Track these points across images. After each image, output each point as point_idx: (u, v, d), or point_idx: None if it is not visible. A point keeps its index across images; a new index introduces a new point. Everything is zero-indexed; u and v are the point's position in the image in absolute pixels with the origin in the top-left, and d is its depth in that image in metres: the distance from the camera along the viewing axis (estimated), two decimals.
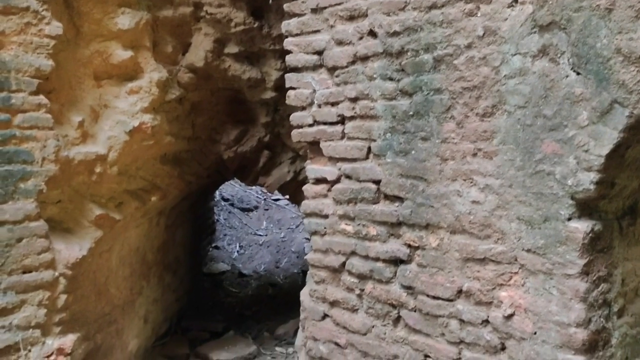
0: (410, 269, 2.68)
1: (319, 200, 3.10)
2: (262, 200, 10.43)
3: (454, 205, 2.48)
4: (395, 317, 2.76)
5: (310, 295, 3.19)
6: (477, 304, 2.42)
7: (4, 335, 3.18)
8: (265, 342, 5.49)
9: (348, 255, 2.95)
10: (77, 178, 3.55)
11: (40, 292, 3.29)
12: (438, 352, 2.57)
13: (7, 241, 3.19)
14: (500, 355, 2.36)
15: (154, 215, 4.74)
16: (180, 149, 4.46)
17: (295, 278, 7.54)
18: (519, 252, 2.27)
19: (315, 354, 3.15)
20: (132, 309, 4.50)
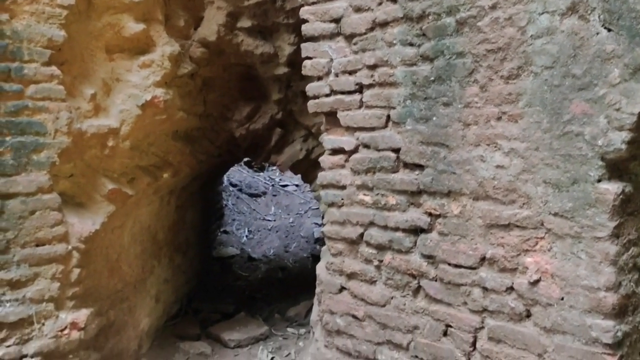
0: (431, 237, 2.63)
1: (336, 171, 3.05)
2: (270, 186, 10.39)
3: (477, 171, 2.43)
4: (415, 287, 2.72)
5: (326, 268, 3.14)
6: (501, 271, 2.37)
7: (18, 308, 3.16)
8: (277, 324, 5.45)
9: (366, 226, 2.90)
10: (90, 152, 3.51)
11: (53, 266, 3.26)
12: (460, 322, 2.53)
13: (20, 213, 3.16)
14: (525, 323, 2.32)
15: (165, 193, 4.70)
16: (192, 126, 4.41)
17: (305, 262, 7.50)
18: (545, 216, 2.22)
19: (332, 328, 3.10)
20: (143, 288, 4.46)
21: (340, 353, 3.08)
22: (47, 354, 3.26)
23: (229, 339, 4.93)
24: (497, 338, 2.40)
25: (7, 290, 3.15)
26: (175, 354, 4.69)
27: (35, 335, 3.23)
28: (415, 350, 2.72)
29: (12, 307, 3.16)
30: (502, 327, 2.38)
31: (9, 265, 3.15)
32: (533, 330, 2.29)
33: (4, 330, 3.14)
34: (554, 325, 2.21)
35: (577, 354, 2.15)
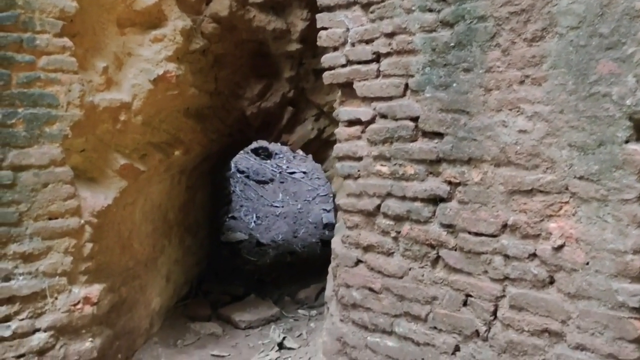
0: (451, 206, 2.58)
1: (352, 142, 3.01)
2: (278, 173, 10.36)
3: (498, 137, 2.39)
4: (434, 257, 2.68)
5: (342, 242, 3.11)
6: (524, 238, 2.33)
7: (31, 282, 3.14)
8: (287, 306, 5.43)
9: (383, 197, 2.86)
10: (102, 126, 3.47)
11: (66, 240, 3.23)
12: (480, 291, 2.49)
13: (33, 186, 3.13)
14: (548, 289, 2.28)
15: (175, 172, 4.67)
16: (203, 104, 4.37)
17: (314, 247, 7.48)
18: (570, 180, 2.18)
19: (347, 301, 3.07)
20: (154, 267, 4.44)
21: (356, 327, 3.05)
22: (60, 328, 3.24)
23: (240, 320, 4.91)
24: (519, 306, 2.36)
25: (20, 264, 3.13)
26: (186, 334, 4.67)
27: (48, 309, 3.22)
28: (433, 321, 2.69)
29: (25, 281, 3.14)
30: (524, 295, 2.34)
31: (21, 238, 3.12)
32: (556, 296, 2.25)
33: (17, 303, 3.13)
34: (579, 291, 2.17)
35: (603, 319, 2.11)
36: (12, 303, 3.12)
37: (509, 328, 2.40)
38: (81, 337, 3.33)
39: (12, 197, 3.08)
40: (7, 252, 3.10)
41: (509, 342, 2.39)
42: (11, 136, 3.07)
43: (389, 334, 2.89)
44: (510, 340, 2.39)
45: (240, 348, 4.47)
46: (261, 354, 4.31)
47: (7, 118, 3.05)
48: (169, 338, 4.48)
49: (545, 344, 2.29)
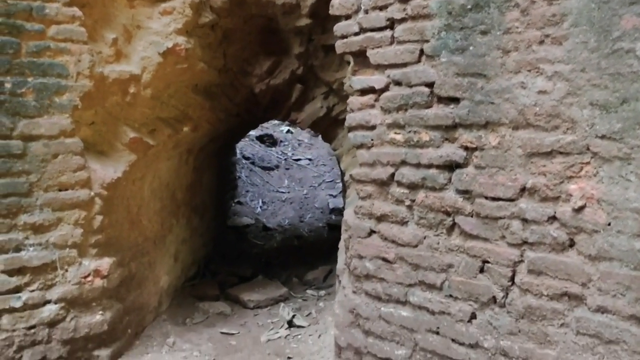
0: (467, 172, 2.55)
1: (365, 111, 2.97)
2: (283, 160, 10.33)
3: (517, 99, 2.35)
4: (450, 224, 2.64)
5: (355, 213, 3.07)
6: (543, 201, 2.30)
7: (41, 253, 3.12)
8: (295, 287, 5.41)
9: (397, 165, 2.82)
10: (111, 98, 3.44)
11: (76, 211, 3.21)
12: (498, 256, 2.46)
13: (43, 156, 3.11)
14: (568, 252, 2.24)
15: (183, 150, 4.64)
16: (212, 81, 4.33)
17: (321, 232, 7.45)
18: (591, 140, 2.14)
19: (360, 272, 3.04)
20: (163, 245, 4.42)
21: (369, 298, 3.02)
22: (70, 300, 3.22)
23: (249, 300, 4.90)
24: (537, 270, 2.33)
25: (31, 234, 3.11)
26: (194, 313, 4.65)
27: (58, 281, 3.20)
28: (449, 289, 2.66)
29: (35, 252, 3.12)
30: (543, 259, 2.30)
31: (32, 209, 3.10)
32: (577, 259, 2.21)
33: (27, 274, 3.11)
34: (600, 252, 2.13)
35: (625, 280, 2.08)
36: (23, 274, 3.10)
37: (527, 293, 2.37)
38: (92, 310, 3.31)
39: (22, 167, 3.06)
40: (17, 223, 3.08)
41: (527, 308, 2.36)
42: (21, 105, 3.04)
43: (403, 303, 2.86)
44: (529, 306, 2.36)
45: (249, 326, 4.45)
46: (271, 331, 4.29)
47: (17, 87, 3.03)
48: (177, 316, 4.46)
49: (565, 307, 2.26)
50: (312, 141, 11.48)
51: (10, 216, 3.05)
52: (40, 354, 3.15)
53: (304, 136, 11.73)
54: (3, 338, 3.05)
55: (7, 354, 3.06)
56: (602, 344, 2.15)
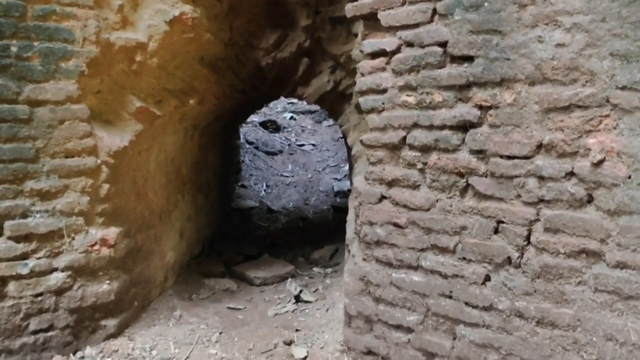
0: (482, 131, 2.51)
1: (376, 75, 2.92)
2: (287, 145, 10.29)
3: (533, 54, 2.30)
4: (463, 186, 2.60)
5: (365, 179, 3.03)
6: (560, 157, 2.26)
7: (48, 220, 3.08)
8: (301, 266, 5.38)
9: (409, 128, 2.78)
10: (117, 66, 3.40)
11: (82, 179, 3.18)
12: (513, 215, 2.42)
13: (49, 122, 3.07)
14: (586, 208, 2.20)
15: (189, 126, 4.60)
16: (218, 55, 4.29)
17: (326, 214, 7.42)
18: (611, 91, 2.10)
19: (371, 239, 3.00)
20: (168, 220, 4.38)
21: (380, 264, 2.99)
22: (77, 268, 3.19)
23: (255, 277, 4.86)
24: (554, 228, 2.29)
25: (37, 201, 3.07)
26: (200, 289, 4.62)
27: (65, 249, 3.16)
28: (462, 251, 2.62)
29: (42, 218, 3.09)
30: (560, 216, 2.26)
31: (38, 175, 3.07)
32: (595, 215, 2.17)
33: (34, 241, 3.07)
34: (620, 207, 2.09)
35: None
36: (30, 241, 3.06)
37: (543, 252, 2.33)
38: (99, 279, 3.28)
39: (29, 133, 3.02)
40: (23, 189, 3.04)
41: (544, 267, 2.32)
42: (27, 70, 3.00)
43: (415, 269, 2.82)
44: (545, 265, 2.32)
45: (256, 302, 4.42)
46: (278, 305, 4.26)
47: (23, 51, 2.98)
48: (183, 292, 4.43)
49: (583, 265, 2.22)
50: (315, 127, 11.44)
51: (16, 182, 3.01)
52: (47, 322, 3.12)
53: (307, 122, 11.68)
54: (10, 305, 3.02)
55: (13, 321, 3.03)
56: (622, 300, 2.11)
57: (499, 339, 2.50)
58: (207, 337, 3.58)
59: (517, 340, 2.44)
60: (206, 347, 3.45)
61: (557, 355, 2.31)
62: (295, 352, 3.36)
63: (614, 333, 2.13)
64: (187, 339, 3.52)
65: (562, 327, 2.29)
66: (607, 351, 2.16)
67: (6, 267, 3.00)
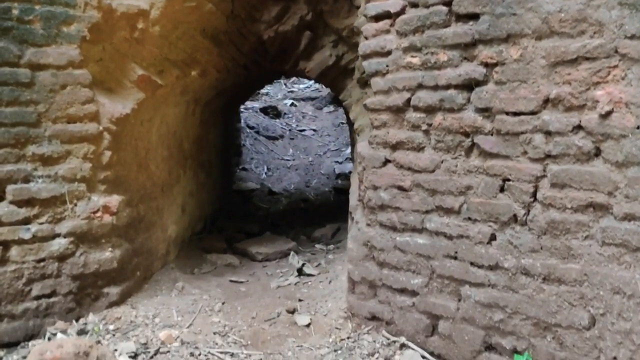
0: (487, 89, 2.49)
1: (380, 37, 2.91)
2: (288, 130, 10.27)
3: (540, 7, 2.28)
4: (469, 145, 2.59)
5: (369, 143, 3.02)
6: (567, 110, 2.24)
7: (50, 185, 3.07)
8: (303, 243, 5.36)
9: (414, 89, 2.76)
10: (119, 34, 3.37)
11: (85, 145, 3.16)
12: (519, 173, 2.40)
13: (51, 86, 3.05)
14: (593, 162, 2.19)
15: (190, 99, 4.58)
16: (219, 28, 4.25)
17: (327, 195, 7.40)
18: (620, 41, 2.08)
19: (375, 203, 2.99)
20: (170, 194, 4.37)
21: (384, 229, 2.97)
22: (79, 235, 3.17)
23: (257, 252, 4.86)
24: (561, 183, 2.27)
25: (39, 166, 3.06)
26: (202, 264, 4.62)
27: (67, 215, 3.15)
28: (467, 211, 2.61)
29: (44, 184, 3.07)
30: (567, 170, 2.25)
31: (40, 140, 3.05)
32: (603, 167, 2.16)
33: (36, 206, 3.06)
34: (628, 157, 2.08)
35: None
36: (32, 206, 3.05)
37: (550, 208, 2.31)
38: (101, 247, 3.27)
39: (30, 97, 3.00)
40: (25, 153, 3.02)
41: (550, 223, 2.31)
42: (29, 33, 2.98)
43: (420, 231, 2.81)
44: (552, 220, 2.30)
45: (258, 275, 4.42)
46: (280, 278, 4.25)
47: (25, 14, 2.96)
48: (185, 266, 4.42)
49: (590, 219, 2.21)
50: (316, 114, 11.42)
51: (18, 146, 2.99)
52: (49, 287, 3.11)
53: (308, 109, 11.66)
54: (12, 270, 3.00)
55: (16, 286, 3.02)
56: (629, 253, 2.10)
57: (505, 297, 2.49)
58: (209, 307, 3.57)
59: (523, 298, 2.43)
60: (209, 316, 3.44)
61: (564, 311, 2.30)
62: (299, 320, 3.35)
63: (622, 286, 2.12)
64: (189, 308, 3.51)
65: (569, 282, 2.27)
66: (614, 304, 2.14)
67: (8, 232, 2.98)
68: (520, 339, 2.45)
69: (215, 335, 3.17)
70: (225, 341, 3.13)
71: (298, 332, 3.26)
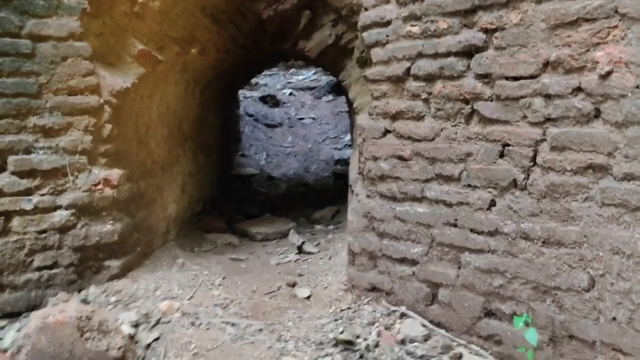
0: (487, 55, 2.50)
1: (380, 7, 2.92)
2: (287, 118, 10.27)
3: None
4: (468, 112, 2.60)
5: (369, 114, 3.03)
6: (567, 73, 2.25)
7: (51, 157, 3.08)
8: (303, 225, 5.37)
9: (414, 58, 2.78)
10: (119, 7, 3.37)
11: (85, 117, 3.17)
12: (519, 137, 2.42)
13: (52, 58, 3.06)
14: (592, 123, 2.20)
15: (190, 79, 4.58)
16: (219, 7, 4.25)
17: (327, 180, 7.41)
18: (619, 1, 2.09)
19: (375, 174, 3.00)
20: (170, 173, 4.38)
21: (384, 199, 2.99)
22: (80, 207, 3.19)
23: (256, 232, 4.87)
24: (560, 146, 2.29)
25: (41, 137, 3.07)
26: (202, 243, 4.63)
27: (69, 187, 3.16)
28: (467, 178, 2.62)
29: (45, 155, 3.08)
30: (567, 133, 2.26)
31: (41, 111, 3.06)
32: (602, 129, 2.17)
33: (38, 178, 3.07)
34: (627, 117, 2.09)
35: None
36: (33, 177, 3.06)
37: (549, 171, 2.33)
38: (102, 219, 3.28)
39: (31, 68, 3.01)
40: (27, 125, 3.03)
41: (550, 186, 2.32)
42: (29, 4, 2.99)
43: (420, 200, 2.83)
44: (551, 184, 2.32)
45: (258, 254, 4.43)
46: (280, 256, 4.26)
47: None
48: (185, 245, 4.43)
49: (590, 180, 2.22)
50: (314, 103, 11.42)
51: (20, 117, 3.01)
52: (51, 259, 3.12)
53: (307, 98, 11.67)
54: (14, 240, 3.02)
55: (18, 256, 3.03)
56: (629, 212, 2.11)
57: (504, 262, 2.50)
58: (210, 282, 3.58)
59: (523, 262, 2.44)
60: (209, 290, 3.45)
61: (563, 274, 2.31)
62: (299, 292, 3.37)
63: (621, 246, 2.13)
64: (190, 282, 3.52)
65: (568, 245, 2.29)
66: (613, 265, 2.16)
67: (10, 202, 3.00)
68: (519, 304, 2.47)
69: (216, 307, 3.19)
70: (226, 312, 3.15)
71: (298, 304, 3.27)
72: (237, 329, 2.94)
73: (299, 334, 2.88)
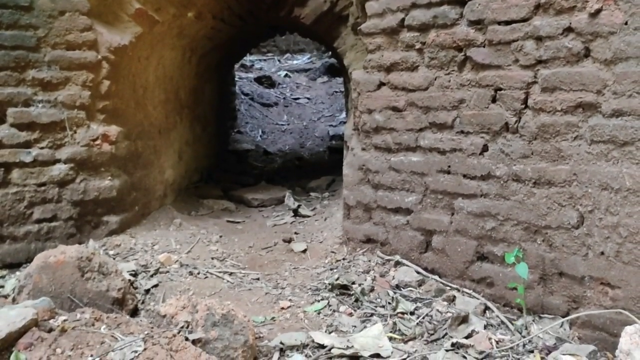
0: (479, 1, 2.54)
1: None
2: (282, 98, 10.29)
3: None
4: (461, 60, 2.65)
5: (364, 67, 3.07)
6: (558, 14, 2.29)
7: (50, 111, 3.11)
8: (298, 193, 5.41)
9: (407, 9, 2.82)
10: None
11: (83, 73, 3.20)
12: (511, 80, 2.46)
13: (50, 12, 3.09)
14: (582, 62, 2.25)
15: (187, 46, 4.60)
16: None
17: (322, 155, 7.45)
18: None
19: (370, 127, 3.05)
20: (167, 137, 4.41)
21: (378, 151, 3.04)
22: (79, 161, 3.22)
23: (252, 198, 4.92)
24: (551, 87, 2.33)
25: (39, 91, 3.10)
26: (199, 208, 4.67)
27: (67, 141, 3.20)
28: (460, 125, 2.67)
29: (44, 109, 3.12)
30: (557, 74, 2.31)
31: (40, 65, 3.09)
32: (592, 67, 2.22)
33: (37, 131, 3.11)
34: (616, 54, 2.13)
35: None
36: (32, 130, 3.10)
37: (540, 112, 2.38)
38: (100, 175, 3.32)
39: (30, 21, 3.04)
40: (25, 78, 3.06)
41: (541, 127, 2.37)
42: None
43: (414, 149, 2.87)
44: (542, 124, 2.37)
45: (254, 217, 4.48)
46: (276, 218, 4.31)
47: None
48: (182, 209, 4.47)
49: (579, 119, 2.27)
50: (310, 84, 11.43)
51: (18, 70, 3.04)
52: (50, 212, 3.16)
53: (302, 80, 11.67)
54: (14, 192, 3.06)
55: (18, 208, 3.07)
56: (617, 148, 2.16)
57: (496, 205, 2.56)
58: (207, 239, 3.64)
59: (514, 204, 2.49)
60: (207, 245, 3.50)
61: (554, 213, 2.37)
62: (295, 247, 3.43)
63: (609, 181, 2.18)
64: (187, 239, 3.57)
65: (559, 183, 2.34)
66: (602, 200, 2.21)
67: (9, 154, 3.03)
68: (511, 245, 2.52)
69: (214, 260, 3.24)
70: (223, 264, 3.20)
71: (294, 257, 3.33)
72: (235, 277, 2.99)
73: (295, 282, 2.93)
